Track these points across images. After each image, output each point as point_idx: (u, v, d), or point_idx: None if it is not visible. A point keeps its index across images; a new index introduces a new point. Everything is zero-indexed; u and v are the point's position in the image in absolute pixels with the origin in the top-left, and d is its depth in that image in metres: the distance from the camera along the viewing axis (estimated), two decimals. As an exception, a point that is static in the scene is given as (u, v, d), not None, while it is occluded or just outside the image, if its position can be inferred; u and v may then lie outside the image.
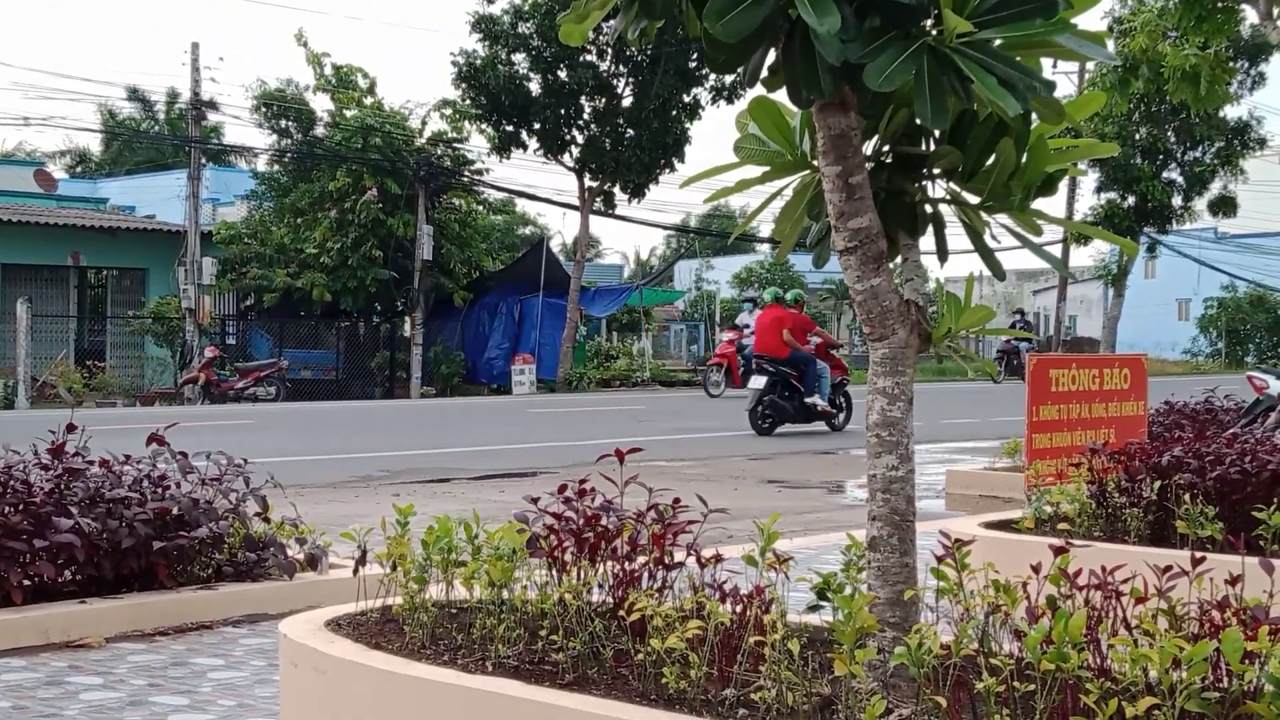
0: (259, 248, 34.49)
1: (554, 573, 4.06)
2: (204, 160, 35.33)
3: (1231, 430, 8.33)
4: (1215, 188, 42.87)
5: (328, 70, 34.68)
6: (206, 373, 29.69)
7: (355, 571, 4.51)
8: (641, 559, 4.00)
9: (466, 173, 36.01)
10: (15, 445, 6.14)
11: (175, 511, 5.92)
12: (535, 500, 4.32)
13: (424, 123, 35.22)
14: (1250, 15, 15.26)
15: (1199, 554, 3.50)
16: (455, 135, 35.28)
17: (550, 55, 33.27)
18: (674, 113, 34.47)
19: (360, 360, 35.77)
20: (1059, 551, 3.45)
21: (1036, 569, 3.40)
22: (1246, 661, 2.95)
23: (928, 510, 10.11)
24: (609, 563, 4.05)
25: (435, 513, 4.53)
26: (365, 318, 36.57)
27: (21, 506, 5.50)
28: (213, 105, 34.35)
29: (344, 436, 17.85)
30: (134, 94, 47.88)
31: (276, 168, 36.60)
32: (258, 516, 6.36)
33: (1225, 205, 43.33)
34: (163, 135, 50.18)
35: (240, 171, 44.80)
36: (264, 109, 34.58)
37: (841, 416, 18.91)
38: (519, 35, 33.50)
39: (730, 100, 34.68)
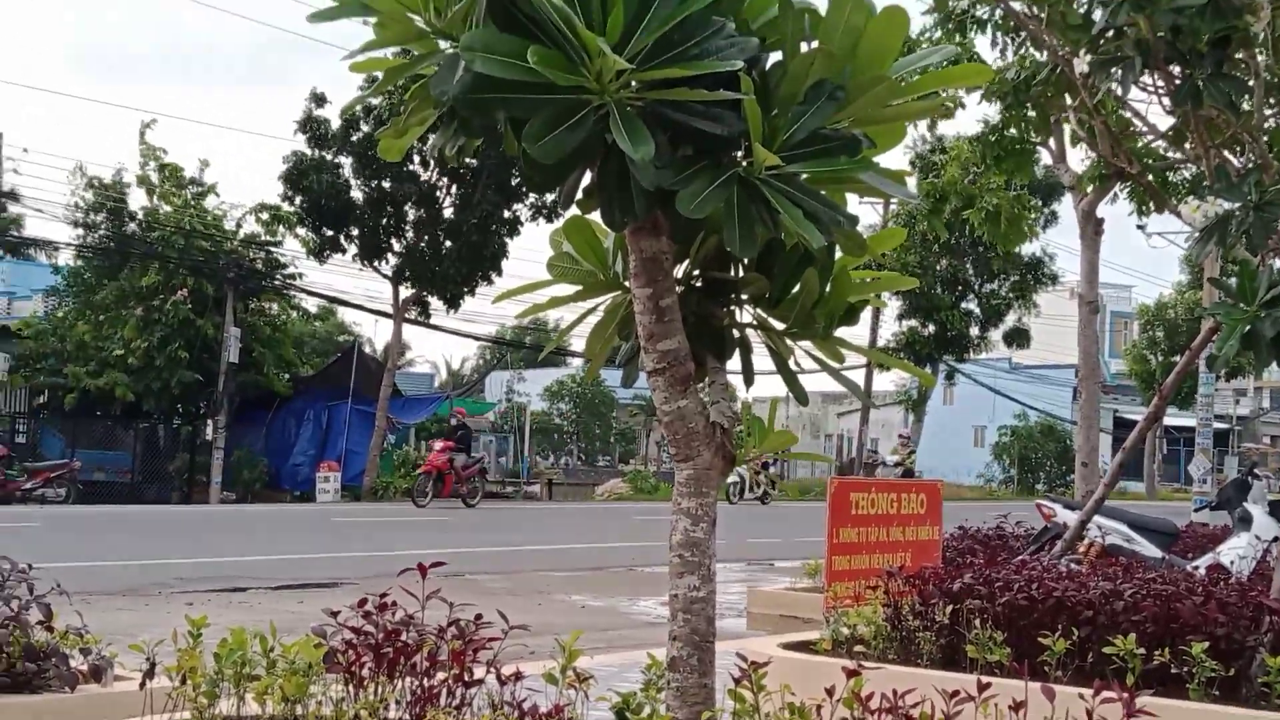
0: (57, 344, 33.34)
1: (351, 689, 3.97)
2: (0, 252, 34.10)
3: (1020, 557, 8.60)
4: (1010, 320, 44.87)
5: (151, 168, 33.82)
6: (-8, 472, 28.47)
7: (142, 685, 4.34)
8: (441, 675, 3.94)
9: (278, 276, 35.48)
10: None
11: (-51, 618, 5.62)
12: (335, 613, 4.23)
13: (239, 225, 34.67)
14: (1045, 157, 16.15)
15: (985, 679, 3.60)
16: (269, 239, 34.74)
17: (376, 163, 33.04)
18: (494, 227, 34.57)
19: (158, 463, 34.70)
20: (851, 674, 3.52)
21: (830, 692, 3.45)
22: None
23: (728, 629, 10.17)
24: (408, 679, 3.98)
25: (230, 623, 4.41)
26: (167, 420, 35.53)
27: None
28: (13, 196, 33.33)
29: (137, 542, 17.21)
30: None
31: (80, 262, 35.48)
32: (40, 625, 6.07)
33: (1019, 337, 45.37)
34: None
35: (40, 265, 43.31)
36: (80, 202, 33.45)
37: None
38: (348, 141, 33.18)
39: (550, 218, 34.97)
